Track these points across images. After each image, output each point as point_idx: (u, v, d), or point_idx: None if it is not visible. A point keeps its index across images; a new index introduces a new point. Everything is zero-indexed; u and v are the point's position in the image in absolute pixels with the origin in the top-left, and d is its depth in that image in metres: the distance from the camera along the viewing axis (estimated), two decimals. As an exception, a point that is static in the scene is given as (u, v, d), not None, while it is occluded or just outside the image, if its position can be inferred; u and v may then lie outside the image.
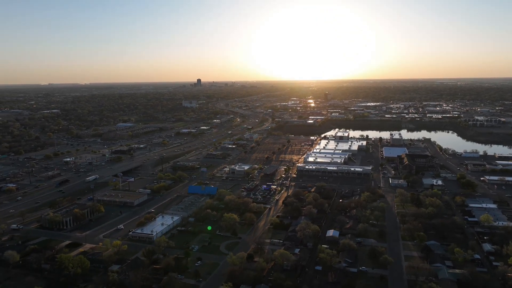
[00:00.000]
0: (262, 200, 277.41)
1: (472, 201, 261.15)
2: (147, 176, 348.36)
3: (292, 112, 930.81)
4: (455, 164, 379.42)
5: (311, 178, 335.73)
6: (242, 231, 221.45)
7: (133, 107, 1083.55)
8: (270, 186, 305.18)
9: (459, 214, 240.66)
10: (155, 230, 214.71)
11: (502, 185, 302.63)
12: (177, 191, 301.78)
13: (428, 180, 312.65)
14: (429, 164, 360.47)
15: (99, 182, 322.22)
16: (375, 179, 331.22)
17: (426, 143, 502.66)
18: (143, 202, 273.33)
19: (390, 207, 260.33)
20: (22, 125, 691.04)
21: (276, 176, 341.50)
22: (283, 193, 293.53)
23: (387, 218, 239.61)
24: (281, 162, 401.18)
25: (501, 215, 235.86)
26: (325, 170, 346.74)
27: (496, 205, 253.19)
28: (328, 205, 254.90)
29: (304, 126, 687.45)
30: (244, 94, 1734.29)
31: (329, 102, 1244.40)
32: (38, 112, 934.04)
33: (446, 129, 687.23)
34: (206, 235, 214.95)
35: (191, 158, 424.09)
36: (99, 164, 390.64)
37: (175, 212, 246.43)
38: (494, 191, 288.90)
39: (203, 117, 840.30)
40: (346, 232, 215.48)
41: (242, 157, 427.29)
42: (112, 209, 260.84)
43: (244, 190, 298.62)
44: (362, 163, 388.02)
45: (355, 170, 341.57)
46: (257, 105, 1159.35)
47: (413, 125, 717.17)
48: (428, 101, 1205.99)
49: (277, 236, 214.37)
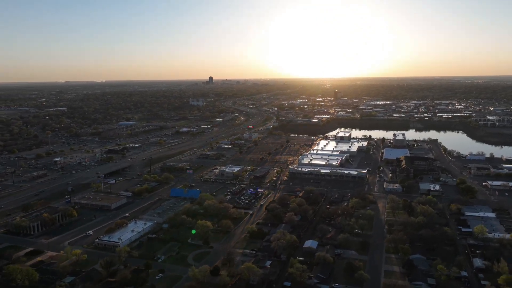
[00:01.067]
0: (246, 205, 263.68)
1: (469, 209, 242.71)
2: (134, 177, 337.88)
3: (298, 110, 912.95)
4: (458, 167, 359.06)
5: (303, 181, 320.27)
6: (217, 240, 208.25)
7: (140, 105, 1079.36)
8: (257, 190, 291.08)
9: (453, 224, 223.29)
10: (123, 237, 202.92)
11: (505, 191, 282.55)
12: (161, 194, 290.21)
13: (425, 185, 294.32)
14: (429, 167, 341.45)
15: (82, 183, 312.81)
16: (370, 183, 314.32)
17: (431, 144, 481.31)
18: (121, 206, 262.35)
19: (379, 214, 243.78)
20: (24, 123, 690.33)
21: (266, 179, 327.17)
22: (269, 197, 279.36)
23: (375, 227, 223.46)
24: (275, 163, 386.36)
25: (498, 225, 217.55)
26: (318, 173, 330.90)
27: (495, 214, 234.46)
28: (312, 211, 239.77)
29: (308, 125, 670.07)
30: (254, 92, 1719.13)
31: (338, 100, 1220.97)
32: (45, 110, 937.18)
33: (456, 129, 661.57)
34: (176, 243, 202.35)
35: (184, 158, 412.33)
36: (88, 164, 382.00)
37: (150, 218, 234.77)
38: (495, 198, 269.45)
39: (207, 115, 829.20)
40: (327, 242, 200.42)
41: (237, 157, 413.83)
42: (88, 213, 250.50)
43: (229, 194, 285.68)
44: (360, 166, 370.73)
45: (349, 173, 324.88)
46: (265, 103, 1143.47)
47: (422, 124, 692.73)
48: (441, 99, 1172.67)
49: (252, 246, 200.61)
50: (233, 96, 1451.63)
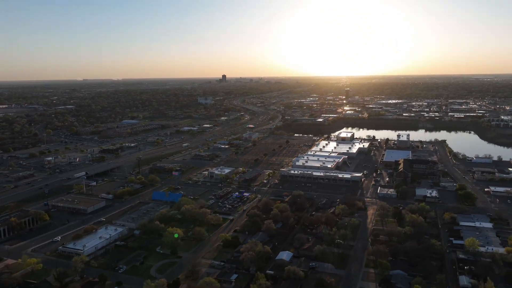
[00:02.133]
0: (227, 210, 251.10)
1: (465, 218, 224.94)
2: (121, 178, 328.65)
3: (306, 109, 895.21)
4: (462, 171, 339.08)
5: (294, 184, 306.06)
6: (188, 249, 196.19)
7: (148, 103, 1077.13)
8: (242, 194, 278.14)
9: (445, 235, 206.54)
10: (89, 244, 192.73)
11: (508, 199, 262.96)
12: (143, 197, 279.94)
13: (421, 190, 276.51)
14: (429, 171, 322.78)
15: (65, 184, 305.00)
16: (364, 188, 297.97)
17: (437, 145, 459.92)
18: (98, 210, 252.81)
19: (367, 223, 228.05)
20: (28, 121, 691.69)
21: (256, 182, 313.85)
22: (255, 202, 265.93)
23: (359, 237, 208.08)
24: (270, 165, 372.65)
25: (494, 237, 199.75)
26: (310, 176, 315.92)
27: (492, 224, 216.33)
28: (294, 219, 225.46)
29: (313, 125, 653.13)
30: (266, 90, 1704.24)
31: (349, 99, 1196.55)
32: (53, 108, 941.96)
33: (468, 130, 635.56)
34: (143, 252, 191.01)
35: (177, 159, 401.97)
36: (79, 164, 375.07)
37: (124, 223, 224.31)
38: (496, 206, 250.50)
39: (212, 114, 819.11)
40: (303, 253, 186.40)
41: (231, 158, 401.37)
42: (62, 216, 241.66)
43: (213, 198, 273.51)
44: (357, 168, 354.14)
45: (343, 177, 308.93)
46: (274, 102, 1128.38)
47: (431, 124, 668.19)
48: (456, 98, 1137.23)
49: (223, 256, 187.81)
50: (243, 94, 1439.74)
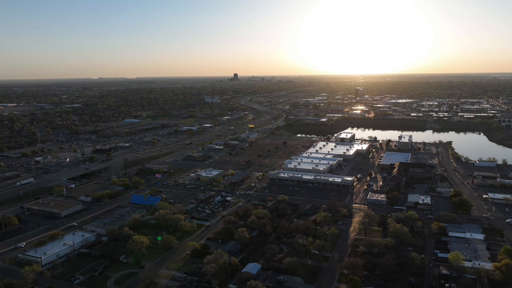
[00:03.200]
0: (206, 215, 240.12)
1: (455, 228, 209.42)
2: (106, 180, 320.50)
3: (312, 109, 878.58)
4: (462, 176, 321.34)
5: (282, 188, 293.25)
6: (154, 257, 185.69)
7: (155, 102, 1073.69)
8: (225, 198, 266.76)
9: (431, 247, 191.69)
10: (50, 252, 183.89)
11: (506, 206, 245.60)
12: (124, 200, 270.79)
13: (414, 196, 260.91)
14: (426, 175, 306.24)
15: (46, 186, 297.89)
16: (355, 192, 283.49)
17: (441, 147, 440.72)
18: (73, 213, 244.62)
19: (349, 232, 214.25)
20: (31, 120, 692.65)
21: (243, 185, 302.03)
22: (238, 206, 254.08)
23: (338, 248, 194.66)
24: (262, 167, 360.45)
25: (483, 250, 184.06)
26: (299, 179, 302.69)
27: (484, 235, 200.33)
28: (272, 226, 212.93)
29: (316, 125, 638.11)
30: (275, 89, 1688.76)
31: (358, 98, 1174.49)
32: (59, 107, 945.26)
33: (477, 131, 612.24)
34: (105, 261, 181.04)
35: (169, 160, 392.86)
36: (68, 164, 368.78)
37: (94, 228, 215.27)
38: (491, 214, 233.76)
39: (216, 113, 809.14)
40: (273, 265, 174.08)
41: (223, 160, 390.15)
42: (34, 220, 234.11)
43: (195, 202, 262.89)
44: (352, 171, 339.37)
45: (334, 181, 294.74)
46: (281, 101, 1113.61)
47: (439, 125, 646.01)
48: (469, 98, 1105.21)
49: (189, 267, 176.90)
50: (252, 93, 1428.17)
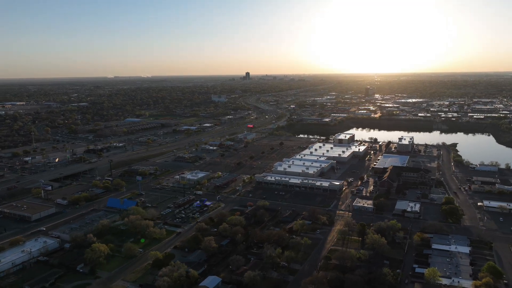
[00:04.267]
0: (179, 221, 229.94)
1: (440, 240, 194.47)
2: (89, 181, 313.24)
3: (318, 108, 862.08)
4: (460, 181, 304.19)
5: (268, 192, 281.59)
6: (113, 267, 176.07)
7: (161, 100, 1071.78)
8: (204, 202, 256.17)
9: (411, 260, 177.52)
10: (6, 260, 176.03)
11: (501, 216, 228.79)
12: (100, 203, 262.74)
13: (402, 203, 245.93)
14: (420, 180, 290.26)
15: (27, 188, 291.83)
16: (343, 197, 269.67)
17: (444, 149, 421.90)
18: (45, 217, 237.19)
19: (327, 241, 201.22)
20: (34, 119, 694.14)
21: (228, 188, 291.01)
22: (216, 211, 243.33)
23: (311, 259, 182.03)
24: (252, 169, 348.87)
25: (466, 266, 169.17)
26: (286, 183, 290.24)
27: (470, 248, 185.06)
28: (243, 234, 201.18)
29: (318, 125, 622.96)
30: (285, 88, 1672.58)
31: (368, 97, 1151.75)
32: (65, 105, 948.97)
33: (486, 132, 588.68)
34: (60, 270, 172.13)
35: (159, 161, 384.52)
36: (56, 165, 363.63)
37: (60, 234, 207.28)
38: (484, 224, 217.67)
39: (219, 112, 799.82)
40: (236, 279, 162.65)
41: (214, 161, 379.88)
42: (6, 224, 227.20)
43: (173, 206, 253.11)
44: (345, 174, 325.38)
45: (321, 185, 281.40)
46: (288, 100, 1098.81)
47: (447, 126, 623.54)
48: (483, 97, 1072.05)
49: (146, 278, 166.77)
50: (260, 92, 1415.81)
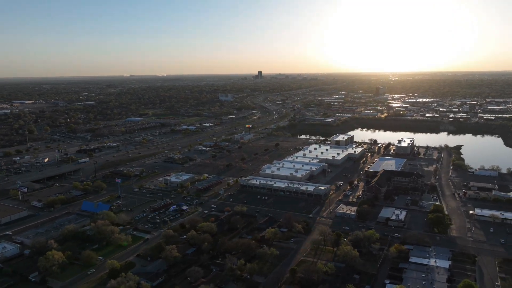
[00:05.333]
0: (150, 227, 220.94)
1: (420, 252, 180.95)
2: (71, 183, 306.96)
3: (324, 108, 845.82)
4: (456, 186, 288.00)
5: (251, 196, 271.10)
6: (67, 277, 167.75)
7: (168, 99, 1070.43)
8: (181, 207, 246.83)
9: (384, 275, 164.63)
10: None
11: (491, 226, 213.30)
12: (76, 206, 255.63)
13: (387, 211, 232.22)
14: (412, 185, 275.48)
15: (5, 189, 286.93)
16: (328, 203, 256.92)
17: (445, 151, 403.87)
18: (16, 220, 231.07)
19: (299, 252, 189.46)
20: (37, 117, 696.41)
21: (210, 192, 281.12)
22: (192, 217, 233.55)
23: (278, 271, 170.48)
24: (241, 171, 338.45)
25: (442, 283, 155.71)
26: (270, 187, 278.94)
27: (450, 262, 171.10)
28: (210, 243, 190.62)
29: (320, 125, 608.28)
30: (295, 87, 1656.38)
31: (378, 97, 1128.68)
32: (72, 104, 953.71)
33: (495, 133, 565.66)
34: (12, 280, 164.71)
35: (149, 162, 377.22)
36: (44, 165, 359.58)
37: (23, 239, 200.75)
38: (471, 235, 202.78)
39: (223, 112, 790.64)
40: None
41: (204, 163, 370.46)
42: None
43: (148, 210, 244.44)
44: (336, 178, 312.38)
45: (306, 190, 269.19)
46: (296, 99, 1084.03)
47: (454, 127, 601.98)
48: (497, 97, 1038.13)
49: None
50: (269, 91, 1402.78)
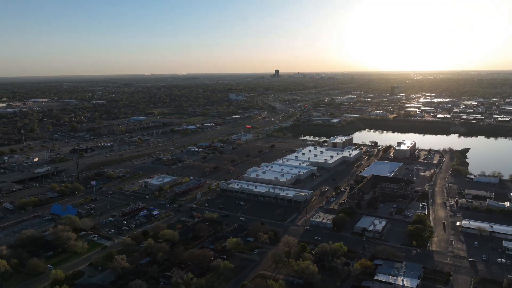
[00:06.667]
0: (116, 232, 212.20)
1: (389, 268, 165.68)
2: (54, 183, 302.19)
3: (334, 108, 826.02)
4: (450, 194, 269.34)
5: (229, 201, 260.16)
6: (12, 285, 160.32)
7: (178, 98, 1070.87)
8: (151, 211, 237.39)
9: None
10: None
11: (477, 239, 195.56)
12: (48, 209, 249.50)
13: (366, 220, 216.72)
14: (400, 192, 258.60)
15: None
16: (306, 210, 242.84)
17: (447, 155, 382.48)
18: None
19: (261, 264, 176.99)
20: (44, 116, 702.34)
21: (188, 196, 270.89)
22: (162, 222, 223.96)
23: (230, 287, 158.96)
24: (228, 174, 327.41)
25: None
26: (250, 192, 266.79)
27: (419, 281, 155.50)
28: (165, 253, 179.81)
29: (324, 126, 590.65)
30: (310, 86, 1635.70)
31: (392, 96, 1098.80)
32: (84, 102, 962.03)
33: (509, 136, 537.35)
34: None
35: (137, 163, 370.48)
36: (33, 164, 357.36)
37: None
38: (451, 250, 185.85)
39: (229, 111, 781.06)
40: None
41: (192, 164, 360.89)
42: None
43: (118, 215, 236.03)
44: (322, 183, 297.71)
45: (286, 196, 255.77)
46: (307, 98, 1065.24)
47: (465, 128, 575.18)
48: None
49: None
50: (282, 90, 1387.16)
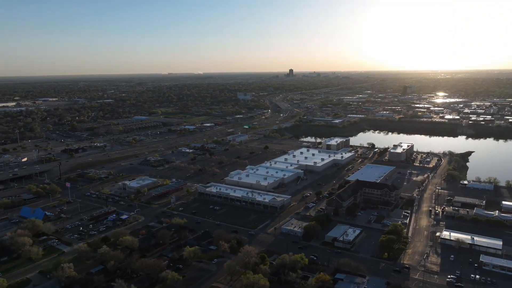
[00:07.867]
0: (79, 237, 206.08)
1: (350, 284, 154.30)
2: (39, 184, 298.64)
3: (340, 107, 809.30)
4: (438, 201, 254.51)
5: (204, 206, 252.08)
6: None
7: (186, 97, 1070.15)
8: (120, 215, 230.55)
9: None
10: None
11: (454, 252, 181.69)
12: (17, 212, 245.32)
13: (338, 229, 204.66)
14: (383, 199, 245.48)
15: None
16: (281, 217, 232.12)
17: (446, 158, 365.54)
18: None
19: (217, 276, 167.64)
20: (48, 115, 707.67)
21: (162, 200, 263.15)
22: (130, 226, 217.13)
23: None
24: (213, 176, 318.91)
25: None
26: (227, 196, 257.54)
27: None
28: (118, 261, 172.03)
29: (325, 127, 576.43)
30: (322, 85, 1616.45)
31: (404, 96, 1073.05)
32: (92, 101, 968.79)
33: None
34: None
35: (124, 164, 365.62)
36: (21, 164, 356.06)
37: None
38: (423, 264, 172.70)
39: (234, 111, 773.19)
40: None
41: (179, 166, 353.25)
42: None
43: (86, 219, 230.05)
44: (306, 188, 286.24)
45: (262, 201, 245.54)
46: (315, 98, 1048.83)
47: (473, 130, 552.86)
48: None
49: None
50: (292, 90, 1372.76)
